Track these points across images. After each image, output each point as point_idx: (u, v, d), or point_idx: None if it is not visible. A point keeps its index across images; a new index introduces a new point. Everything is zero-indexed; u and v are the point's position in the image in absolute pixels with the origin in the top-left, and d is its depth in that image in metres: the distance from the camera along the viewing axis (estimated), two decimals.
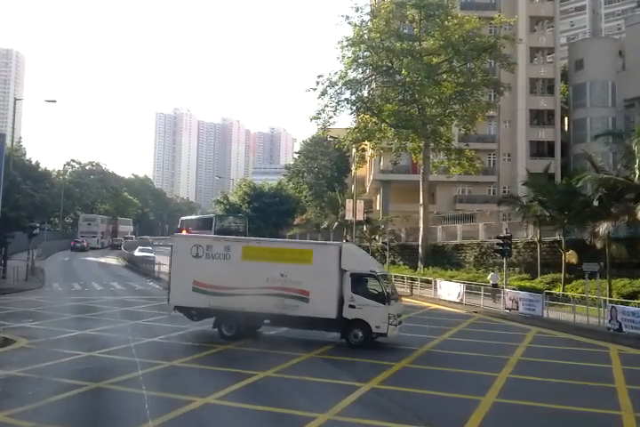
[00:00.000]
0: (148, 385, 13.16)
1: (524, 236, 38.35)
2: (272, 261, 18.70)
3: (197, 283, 19.16)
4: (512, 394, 13.28)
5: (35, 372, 14.27)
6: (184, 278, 19.50)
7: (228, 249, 19.31)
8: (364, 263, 19.15)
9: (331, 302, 18.06)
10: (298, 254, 18.90)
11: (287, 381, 13.89)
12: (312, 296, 18.18)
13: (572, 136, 62.85)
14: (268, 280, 18.44)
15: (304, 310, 18.16)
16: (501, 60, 41.11)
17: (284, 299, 18.30)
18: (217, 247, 19.45)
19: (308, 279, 18.31)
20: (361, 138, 42.38)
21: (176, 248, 20.31)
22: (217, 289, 18.98)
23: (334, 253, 18.52)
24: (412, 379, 14.68)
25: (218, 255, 19.29)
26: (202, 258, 19.37)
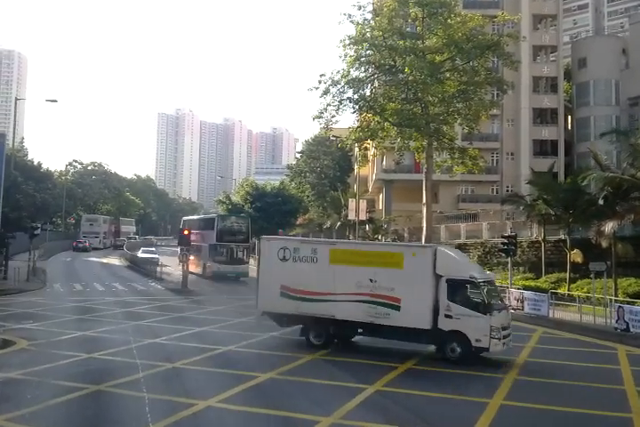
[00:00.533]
0: (149, 388, 12.94)
1: (528, 235, 38.08)
2: (360, 265, 17.59)
3: (284, 287, 18.42)
4: (519, 396, 13.03)
5: (34, 374, 14.06)
6: (271, 282, 18.76)
7: (314, 252, 18.39)
8: (462, 268, 17.33)
9: (424, 311, 16.55)
10: (387, 258, 17.56)
11: None
12: (404, 304, 16.80)
13: (575, 135, 62.56)
14: (356, 285, 17.35)
15: (395, 319, 16.87)
16: (505, 59, 40.62)
17: (375, 306, 17.07)
18: (304, 250, 18.57)
19: (398, 285, 16.98)
20: (363, 137, 41.95)
21: (263, 251, 19.69)
22: (304, 294, 18.08)
23: (427, 257, 17.03)
24: (415, 382, 14.42)
25: (305, 258, 18.42)
26: (288, 261, 18.60)
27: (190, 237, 39.48)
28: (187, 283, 36.65)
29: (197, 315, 25.34)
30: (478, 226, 42.97)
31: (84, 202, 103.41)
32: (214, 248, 44.77)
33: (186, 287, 36.16)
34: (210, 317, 24.64)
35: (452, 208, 55.44)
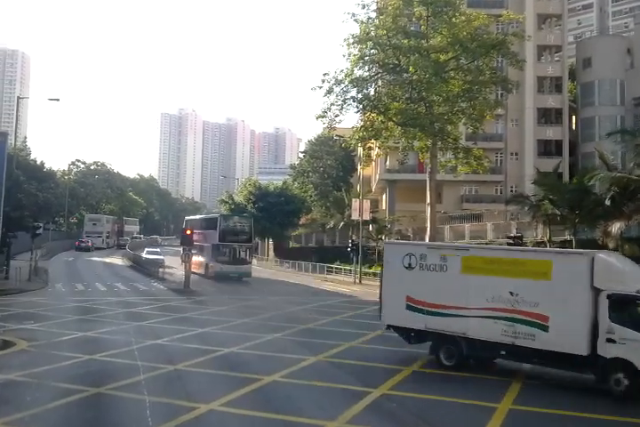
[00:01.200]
0: (151, 390, 12.69)
1: (532, 235, 37.78)
2: (498, 275, 15.18)
3: (411, 299, 16.40)
4: (529, 401, 12.75)
5: (34, 376, 13.82)
6: (396, 293, 16.84)
7: (444, 260, 16.11)
8: (629, 280, 13.95)
9: (579, 333, 13.68)
10: (531, 267, 14.87)
11: None
12: (552, 323, 14.07)
13: (579, 135, 62.28)
14: (493, 299, 15.00)
15: (543, 341, 14.13)
16: (510, 58, 40.41)
17: (515, 325, 14.58)
18: (432, 257, 16.34)
19: (545, 300, 14.31)
20: (367, 137, 41.75)
21: (387, 257, 17.84)
22: (432, 308, 15.99)
23: (583, 266, 14.02)
24: (421, 385, 14.15)
25: (433, 267, 16.18)
26: (415, 269, 16.49)
27: (193, 236, 39.28)
28: (189, 283, 36.44)
29: (200, 316, 25.12)
30: (483, 226, 42.70)
31: (87, 201, 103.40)
32: (217, 248, 44.58)
33: (188, 288, 35.95)
34: (212, 317, 24.40)
35: (455, 208, 55.19)
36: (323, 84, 40.01)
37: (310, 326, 22.75)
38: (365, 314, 26.80)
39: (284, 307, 28.54)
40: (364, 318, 25.05)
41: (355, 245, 46.42)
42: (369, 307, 29.58)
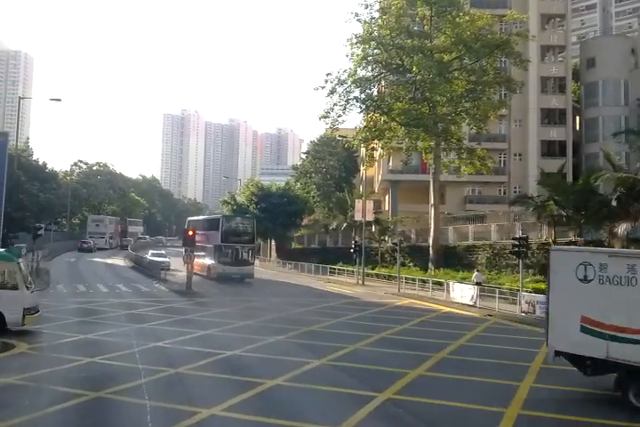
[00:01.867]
0: (152, 395, 12.46)
1: (537, 237, 37.47)
2: None
3: (588, 320, 13.16)
4: (537, 405, 12.48)
5: (33, 380, 13.59)
6: (567, 311, 13.66)
7: (633, 270, 12.64)
8: None
9: None
10: None
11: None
12: None
13: (583, 136, 62.01)
14: None
15: None
16: (514, 58, 40.29)
17: None
18: (615, 267, 12.95)
19: None
20: (370, 137, 41.65)
21: (554, 266, 14.32)
22: (618, 332, 12.67)
23: None
24: (428, 389, 13.88)
25: (617, 279, 12.85)
26: (592, 283, 13.21)
27: (195, 237, 39.03)
28: (191, 284, 36.21)
29: (202, 317, 24.89)
30: (487, 227, 42.39)
31: (89, 202, 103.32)
32: (219, 249, 44.37)
33: (190, 289, 35.72)
34: (214, 319, 24.16)
35: (458, 209, 54.93)
36: (325, 84, 40.02)
37: (313, 328, 22.50)
38: (369, 316, 26.61)
39: (286, 309, 28.28)
40: (367, 320, 24.82)
41: (358, 246, 46.17)
42: (372, 309, 29.41)
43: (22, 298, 18.65)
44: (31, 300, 19.36)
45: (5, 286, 18.94)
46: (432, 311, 29.27)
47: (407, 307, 31.13)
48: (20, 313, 18.51)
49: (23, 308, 18.56)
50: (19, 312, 18.51)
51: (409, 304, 32.46)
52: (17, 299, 18.53)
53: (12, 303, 18.43)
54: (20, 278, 18.89)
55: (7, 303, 18.43)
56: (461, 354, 18.04)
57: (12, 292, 18.59)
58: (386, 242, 51.83)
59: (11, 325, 18.63)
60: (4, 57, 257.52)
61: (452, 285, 33.72)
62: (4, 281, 19.10)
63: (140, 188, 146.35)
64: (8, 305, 18.42)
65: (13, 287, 18.76)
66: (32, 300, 19.48)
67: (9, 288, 18.76)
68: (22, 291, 18.73)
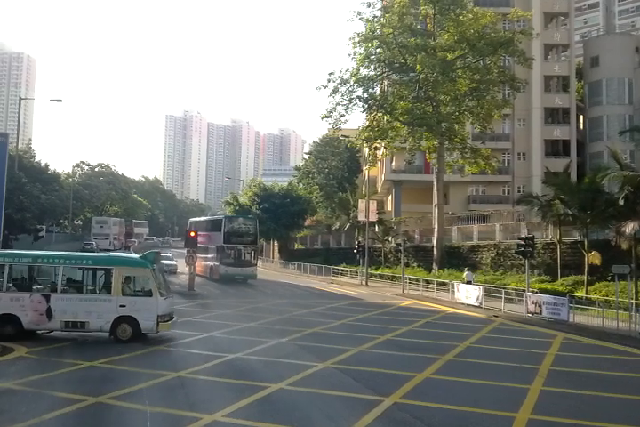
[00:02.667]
0: (152, 400, 12.14)
1: (542, 236, 37.12)
2: None
3: None
4: (548, 410, 12.13)
5: (31, 385, 13.27)
6: None
7: None
8: None
9: None
10: None
11: None
12: None
13: (587, 135, 61.69)
14: None
15: None
16: (518, 56, 39.91)
17: None
18: None
19: None
20: (373, 137, 41.30)
21: None
22: None
23: None
24: (435, 393, 13.53)
25: None
26: None
27: (197, 238, 38.77)
28: (193, 285, 35.92)
29: (204, 319, 24.54)
30: (491, 227, 42.02)
31: (92, 204, 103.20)
32: (221, 250, 44.11)
33: (192, 290, 35.42)
34: (216, 321, 23.84)
35: (462, 209, 54.65)
36: (328, 83, 39.73)
37: (317, 329, 22.18)
38: (373, 317, 26.26)
39: (289, 310, 27.97)
40: (372, 322, 24.47)
41: (361, 246, 45.87)
42: (377, 310, 29.06)
43: (156, 305, 18.29)
44: (165, 307, 18.89)
45: (140, 292, 18.81)
46: (437, 312, 28.92)
47: (412, 308, 30.79)
48: (154, 320, 18.22)
49: (157, 315, 18.24)
50: (153, 319, 18.22)
51: (413, 305, 32.12)
52: (151, 305, 18.26)
53: (146, 310, 18.18)
54: (154, 285, 18.50)
55: (141, 310, 18.18)
56: (468, 356, 17.68)
57: (146, 298, 18.39)
58: (389, 242, 51.52)
59: (145, 331, 18.38)
60: (7, 59, 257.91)
61: (456, 285, 33.39)
62: (138, 287, 19.04)
63: (142, 189, 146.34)
64: (142, 312, 18.15)
65: (147, 294, 18.52)
66: (166, 307, 19.00)
67: (143, 295, 18.61)
68: (156, 297, 18.36)
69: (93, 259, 20.14)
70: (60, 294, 18.40)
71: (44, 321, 18.23)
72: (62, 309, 18.17)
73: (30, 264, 19.46)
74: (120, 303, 18.17)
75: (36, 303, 18.22)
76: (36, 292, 18.71)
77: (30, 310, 18.19)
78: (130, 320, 18.16)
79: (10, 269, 18.98)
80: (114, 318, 18.10)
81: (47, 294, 18.43)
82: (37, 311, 18.17)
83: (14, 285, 19.03)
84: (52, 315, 18.14)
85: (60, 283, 18.65)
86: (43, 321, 18.23)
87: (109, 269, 18.74)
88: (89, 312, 18.14)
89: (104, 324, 18.14)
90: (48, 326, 18.59)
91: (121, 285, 18.41)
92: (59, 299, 18.28)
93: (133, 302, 18.29)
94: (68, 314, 18.14)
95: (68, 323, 18.23)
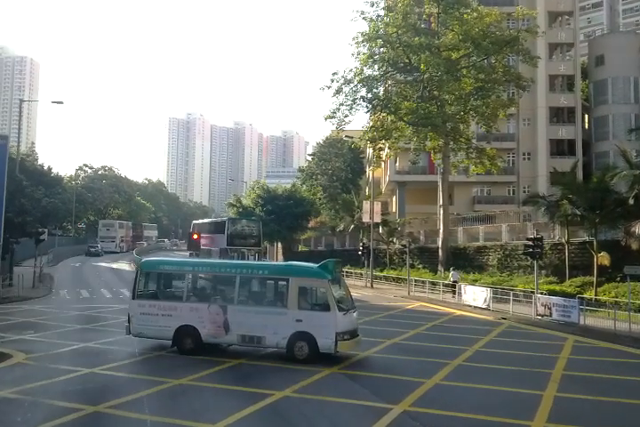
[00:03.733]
0: (153, 409, 11.73)
1: (550, 237, 36.58)
2: None
3: None
4: (564, 417, 11.65)
5: (28, 393, 12.87)
6: None
7: None
8: None
9: None
10: None
11: None
12: None
13: (593, 134, 61.10)
14: None
15: None
16: (523, 54, 39.41)
17: None
18: None
19: None
20: (378, 137, 40.84)
21: None
22: None
23: None
24: (445, 400, 13.06)
25: None
26: None
27: (200, 241, 38.40)
28: None
29: None
30: (497, 228, 41.48)
31: (95, 206, 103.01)
32: (225, 252, 43.71)
33: None
34: None
35: (467, 210, 54.10)
36: (332, 83, 39.29)
37: None
38: (379, 320, 25.78)
39: None
40: (378, 325, 23.95)
41: (366, 248, 45.39)
42: (382, 312, 28.59)
43: (334, 320, 16.07)
44: (345, 323, 16.52)
45: (316, 306, 16.85)
46: (444, 315, 28.41)
47: (418, 310, 30.28)
48: (332, 338, 16.03)
49: (335, 332, 16.07)
50: (331, 337, 16.04)
51: (420, 307, 31.61)
52: (328, 321, 16.12)
53: (324, 326, 16.06)
54: (332, 298, 16.31)
55: (318, 326, 16.13)
56: (478, 361, 17.20)
57: (324, 313, 16.30)
58: (394, 244, 51.03)
59: (323, 350, 16.14)
60: (10, 63, 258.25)
61: (463, 287, 32.89)
62: (315, 300, 17.11)
63: (145, 192, 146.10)
64: (319, 329, 16.10)
65: (324, 308, 16.42)
66: (346, 323, 16.60)
67: (320, 309, 16.60)
68: (334, 312, 16.14)
69: (269, 268, 18.85)
70: (237, 306, 17.09)
71: (221, 334, 17.00)
72: (239, 321, 16.80)
73: (207, 273, 18.59)
74: (296, 318, 16.29)
75: (213, 315, 17.03)
76: (214, 303, 17.43)
77: (208, 321, 17.06)
78: (307, 337, 16.20)
79: (189, 279, 18.16)
80: (290, 334, 16.25)
81: (224, 306, 17.13)
82: (215, 323, 16.99)
83: (193, 295, 18.08)
84: (229, 328, 16.88)
85: (237, 294, 17.32)
86: (220, 334, 17.01)
87: (285, 279, 16.97)
88: (265, 326, 16.55)
89: (280, 340, 16.40)
90: (225, 340, 17.27)
91: (297, 297, 16.54)
92: (235, 311, 16.95)
93: (310, 316, 16.34)
94: (245, 327, 16.76)
95: (244, 337, 16.84)
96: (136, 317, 17.86)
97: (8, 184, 31.07)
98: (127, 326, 18.02)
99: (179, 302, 17.72)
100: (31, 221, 39.18)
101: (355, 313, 17.51)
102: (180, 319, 17.24)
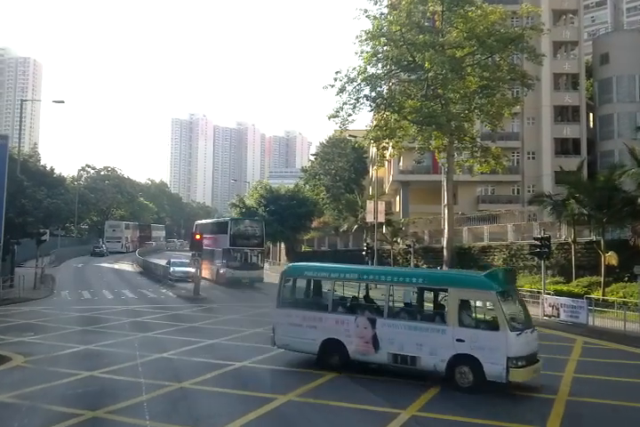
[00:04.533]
0: (153, 414, 11.40)
1: (556, 236, 36.18)
2: None
3: None
4: (579, 424, 11.29)
5: (25, 397, 12.55)
6: None
7: None
8: None
9: None
10: None
11: None
12: None
13: (598, 133, 60.69)
14: None
15: None
16: (529, 52, 38.91)
17: None
18: None
19: None
20: (381, 136, 40.40)
21: None
22: None
23: None
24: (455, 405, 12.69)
25: None
26: None
27: (203, 241, 37.97)
28: (199, 290, 35.13)
29: (209, 325, 23.82)
30: (503, 228, 41.09)
31: (97, 207, 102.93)
32: (227, 253, 43.34)
33: (198, 294, 34.66)
34: (223, 327, 23.08)
35: (471, 209, 53.71)
36: (335, 82, 38.73)
37: None
38: None
39: None
40: None
41: (370, 248, 45.01)
42: None
43: (505, 342, 13.31)
44: (520, 345, 13.57)
45: (482, 323, 14.13)
46: None
47: None
48: (502, 364, 13.18)
49: (507, 356, 13.20)
50: (501, 362, 13.19)
51: None
52: (498, 343, 13.35)
53: (492, 349, 13.36)
54: (502, 314, 13.50)
55: (484, 349, 13.44)
56: None
57: (491, 333, 13.54)
58: (398, 244, 50.65)
59: (491, 378, 13.35)
60: (13, 64, 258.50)
61: None
62: (480, 317, 14.49)
63: (148, 192, 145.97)
64: (486, 351, 13.41)
65: (492, 326, 13.67)
66: (521, 345, 13.64)
67: (486, 327, 13.80)
68: (504, 332, 13.33)
69: (425, 276, 16.17)
70: (387, 320, 14.95)
71: (370, 351, 14.89)
72: (389, 338, 14.66)
73: (354, 281, 16.63)
74: (457, 337, 13.75)
75: (361, 329, 15.08)
76: (361, 315, 15.48)
77: (355, 336, 15.13)
78: (470, 361, 13.58)
79: (334, 286, 16.24)
80: (450, 356, 13.76)
81: (373, 318, 15.09)
82: (363, 339, 15.02)
83: (340, 305, 16.25)
84: (378, 344, 14.77)
85: (387, 305, 15.23)
86: (369, 351, 14.91)
87: (444, 289, 14.66)
88: (419, 345, 14.17)
89: (438, 362, 13.89)
90: (374, 358, 15.02)
91: (458, 312, 14.05)
92: (385, 325, 14.85)
93: (474, 336, 13.63)
94: (395, 345, 14.56)
95: (396, 357, 14.51)
96: (280, 327, 16.48)
97: (9, 185, 30.79)
98: (272, 336, 16.61)
99: (324, 312, 15.95)
100: (32, 222, 38.90)
101: (534, 333, 14.47)
102: (325, 332, 15.58)
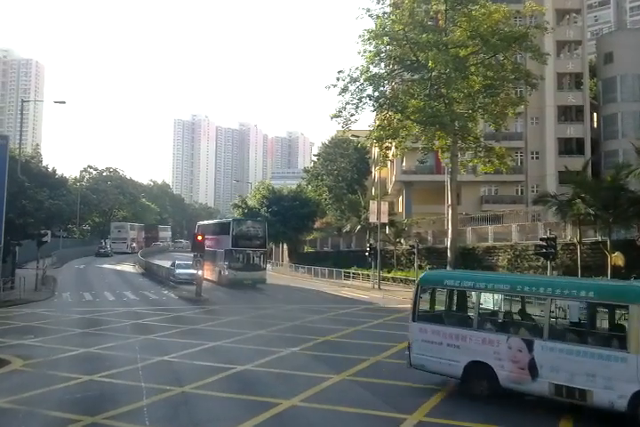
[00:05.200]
0: (153, 419, 11.12)
1: (561, 237, 35.87)
2: None
3: None
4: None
5: (23, 402, 12.26)
6: None
7: None
8: None
9: None
10: None
11: None
12: None
13: (602, 132, 60.33)
14: None
15: None
16: (533, 51, 38.65)
17: None
18: None
19: None
20: (385, 136, 40.15)
21: None
22: None
23: None
24: (462, 409, 12.40)
25: None
26: None
27: (205, 242, 37.73)
28: (201, 291, 34.84)
29: (211, 327, 23.54)
30: (507, 228, 40.80)
31: (100, 208, 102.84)
32: (230, 254, 43.09)
33: (200, 296, 34.38)
34: (225, 329, 22.82)
35: (474, 210, 53.41)
36: (337, 82, 38.58)
37: (330, 337, 21.06)
38: (388, 323, 25.09)
39: (300, 316, 26.88)
40: (388, 328, 23.31)
41: (373, 248, 44.75)
42: (391, 315, 27.96)
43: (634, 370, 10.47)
44: None
45: None
46: None
47: None
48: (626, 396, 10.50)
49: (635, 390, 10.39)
50: (626, 394, 10.50)
51: None
52: (624, 373, 10.64)
53: (617, 379, 10.71)
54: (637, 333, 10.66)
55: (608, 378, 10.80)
56: None
57: None
58: (401, 244, 50.36)
59: None
60: (16, 65, 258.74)
61: None
62: None
63: (150, 193, 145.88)
64: (611, 381, 10.76)
65: None
66: None
67: None
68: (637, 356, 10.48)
69: (597, 288, 12.10)
70: (548, 342, 11.83)
71: (525, 379, 11.99)
72: (551, 364, 11.65)
73: (505, 292, 13.31)
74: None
75: (514, 351, 12.28)
76: (515, 334, 12.61)
77: (507, 360, 12.35)
78: None
79: (481, 298, 13.64)
80: (633, 392, 10.43)
81: (530, 340, 12.15)
82: (517, 364, 12.20)
83: (488, 321, 13.54)
84: (536, 372, 11.84)
85: (548, 323, 12.13)
86: (524, 379, 12.01)
87: (623, 306, 11.31)
88: (591, 376, 11.03)
89: (616, 398, 10.62)
90: (531, 388, 12.05)
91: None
92: (545, 348, 11.82)
93: None
94: (560, 374, 11.46)
95: (560, 388, 11.41)
96: (416, 344, 14.05)
97: (10, 186, 30.61)
98: (407, 354, 14.33)
99: (468, 329, 13.28)
100: (33, 223, 38.69)
101: None
102: (469, 353, 12.98)
